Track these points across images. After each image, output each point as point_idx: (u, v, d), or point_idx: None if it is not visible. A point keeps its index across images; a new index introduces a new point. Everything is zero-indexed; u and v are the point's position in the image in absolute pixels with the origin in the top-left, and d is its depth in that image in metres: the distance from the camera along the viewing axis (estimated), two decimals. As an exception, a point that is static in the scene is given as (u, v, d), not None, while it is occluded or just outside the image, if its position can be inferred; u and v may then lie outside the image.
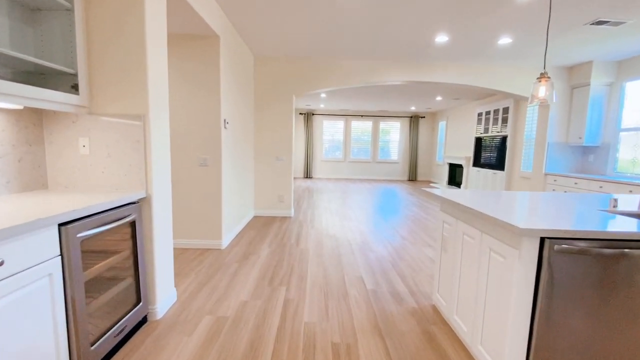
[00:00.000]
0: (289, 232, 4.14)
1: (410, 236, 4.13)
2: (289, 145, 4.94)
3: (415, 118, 11.25)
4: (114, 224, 1.64)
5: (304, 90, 4.85)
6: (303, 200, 6.69)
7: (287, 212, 5.06)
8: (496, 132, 7.32)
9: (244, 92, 4.25)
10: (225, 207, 3.49)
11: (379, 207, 6.06)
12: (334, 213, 5.43)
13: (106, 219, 1.63)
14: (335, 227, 4.50)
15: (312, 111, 11.25)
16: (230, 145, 3.65)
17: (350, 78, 4.84)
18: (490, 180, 7.48)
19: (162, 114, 2.05)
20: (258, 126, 4.90)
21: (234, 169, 3.85)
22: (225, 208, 3.48)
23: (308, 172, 11.32)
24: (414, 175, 11.48)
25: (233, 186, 3.81)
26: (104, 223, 1.61)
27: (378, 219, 5.09)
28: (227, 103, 3.48)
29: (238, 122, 3.98)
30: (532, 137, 6.23)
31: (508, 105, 6.87)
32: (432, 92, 7.46)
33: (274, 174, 4.99)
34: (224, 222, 3.47)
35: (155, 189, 1.97)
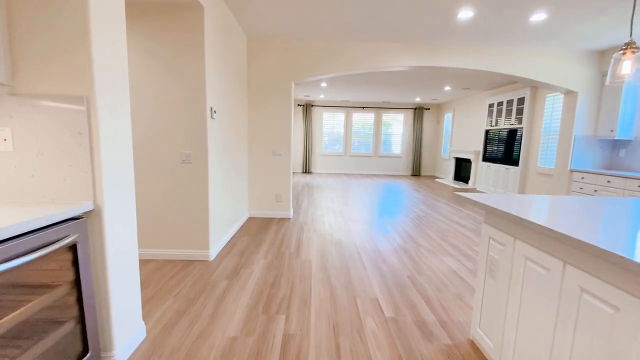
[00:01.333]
0: (287, 238, 3.64)
1: (425, 242, 3.64)
2: (287, 138, 4.41)
3: (420, 110, 10.71)
4: (41, 251, 1.13)
5: (304, 76, 4.30)
6: (302, 198, 6.19)
7: (285, 212, 4.55)
8: (509, 125, 6.82)
9: (235, 78, 3.70)
10: (213, 211, 2.97)
11: (385, 206, 5.57)
12: (337, 213, 4.93)
13: (27, 245, 1.11)
14: (339, 230, 4.01)
15: (311, 102, 10.68)
16: (219, 138, 3.13)
17: (355, 63, 4.30)
18: (502, 176, 7.00)
19: (120, 98, 1.51)
20: (252, 117, 4.36)
21: (224, 165, 3.32)
22: (213, 212, 2.97)
23: (307, 167, 10.79)
24: (418, 170, 10.99)
25: (223, 185, 3.29)
26: (24, 252, 1.09)
27: (386, 219, 4.60)
28: (214, 89, 2.94)
29: (229, 112, 3.44)
30: (551, 129, 5.73)
31: (524, 95, 6.36)
32: (441, 81, 6.93)
33: (271, 170, 4.47)
34: (212, 228, 2.96)
35: (108, 197, 1.45)
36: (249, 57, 4.25)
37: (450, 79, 6.68)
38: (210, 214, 2.90)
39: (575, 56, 4.45)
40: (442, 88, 7.76)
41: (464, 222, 4.61)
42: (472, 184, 8.42)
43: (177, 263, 2.83)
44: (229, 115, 3.46)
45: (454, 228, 4.30)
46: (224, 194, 3.32)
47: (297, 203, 5.63)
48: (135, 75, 2.69)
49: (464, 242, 3.67)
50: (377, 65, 4.30)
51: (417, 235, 3.92)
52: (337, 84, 7.44)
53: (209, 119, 2.79)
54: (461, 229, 4.24)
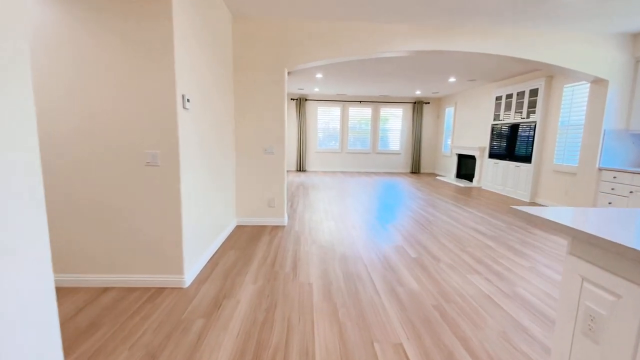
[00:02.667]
0: (282, 252, 3.07)
1: (442, 254, 3.11)
2: (280, 134, 3.83)
3: (419, 104, 10.19)
4: None
5: (298, 62, 3.71)
6: (298, 199, 5.61)
7: (279, 219, 3.98)
8: (520, 119, 6.33)
9: (218, 63, 3.10)
10: (187, 224, 2.38)
11: (388, 208, 5.04)
12: (337, 218, 4.38)
13: None
14: (342, 240, 3.45)
15: (305, 96, 10.07)
16: (196, 133, 2.53)
17: (356, 46, 3.72)
18: (511, 174, 6.52)
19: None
20: (240, 109, 3.76)
21: (203, 166, 2.73)
22: (187, 225, 2.38)
23: (301, 164, 10.21)
24: (417, 167, 10.49)
25: (202, 191, 2.70)
26: None
27: (392, 224, 4.06)
28: (187, 73, 2.34)
29: (209, 103, 2.84)
30: (570, 123, 5.25)
31: (537, 86, 5.86)
32: (446, 71, 6.39)
33: (262, 170, 3.88)
34: (187, 246, 2.37)
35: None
36: (235, 39, 3.64)
37: (456, 69, 6.15)
38: (185, 229, 2.31)
39: (606, 40, 3.94)
40: (447, 80, 7.23)
41: (480, 227, 4.10)
42: (476, 182, 7.94)
43: (143, 292, 2.24)
44: (210, 106, 2.87)
45: (471, 235, 3.79)
46: (203, 201, 2.73)
47: (292, 207, 5.06)
48: (76, 48, 2.08)
49: (487, 254, 3.15)
50: (382, 49, 3.73)
51: (431, 244, 3.39)
52: (333, 75, 6.85)
53: (180, 109, 2.19)
54: (479, 236, 3.73)
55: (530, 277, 2.67)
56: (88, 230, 2.24)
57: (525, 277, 2.67)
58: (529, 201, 5.99)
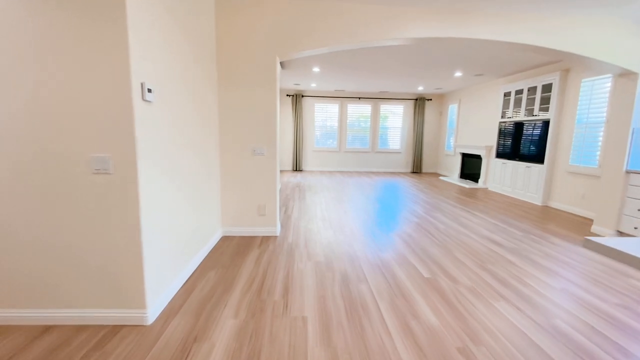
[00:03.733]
0: (272, 272, 2.61)
1: (460, 273, 2.67)
2: (272, 132, 3.36)
3: (421, 100, 9.74)
4: None
5: (292, 49, 3.24)
6: (293, 203, 5.15)
7: (270, 229, 3.52)
8: (532, 116, 5.91)
9: (196, 47, 2.62)
10: (151, 245, 1.92)
11: (392, 213, 4.59)
12: (336, 226, 3.92)
13: None
14: (342, 255, 3.00)
15: (302, 92, 9.58)
16: (164, 130, 2.06)
17: (358, 32, 3.25)
18: (521, 175, 6.10)
19: None
20: (225, 103, 3.29)
21: (177, 170, 2.26)
22: (151, 246, 1.92)
23: (297, 164, 9.74)
24: (419, 166, 10.06)
25: (173, 201, 2.24)
26: None
27: (398, 235, 3.61)
28: (152, 55, 1.87)
29: (183, 95, 2.37)
30: (589, 121, 4.83)
31: (551, 81, 5.43)
32: (453, 65, 5.94)
33: (251, 174, 3.42)
34: (150, 272, 1.91)
35: None
36: (219, 21, 3.16)
37: (463, 62, 5.70)
38: (146, 251, 1.85)
39: (637, 26, 3.51)
40: (452, 75, 6.78)
41: (495, 237, 3.67)
42: (482, 183, 7.52)
43: (94, 332, 1.78)
44: (186, 99, 2.39)
45: (487, 247, 3.35)
46: (176, 213, 2.26)
47: (286, 213, 4.59)
48: (8, 26, 1.60)
49: (510, 273, 2.72)
50: (391, 35, 3.26)
51: (444, 260, 2.95)
52: (331, 68, 6.38)
53: (137, 101, 1.72)
54: (496, 249, 3.30)
55: (566, 302, 2.24)
56: (23, 256, 1.77)
57: (560, 303, 2.24)
58: (541, 204, 5.58)
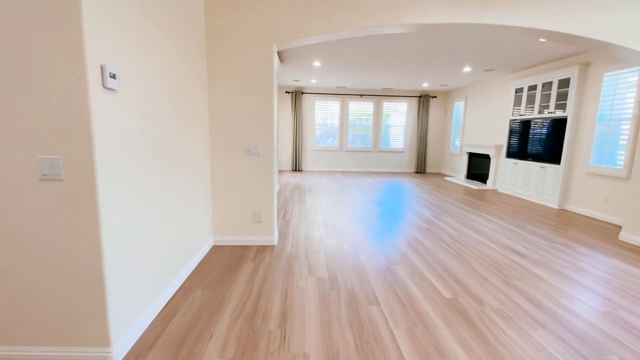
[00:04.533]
0: (267, 292, 2.25)
1: (485, 292, 2.32)
2: (268, 129, 3.00)
3: (425, 98, 9.37)
4: None
5: (291, 35, 2.87)
6: (292, 207, 4.79)
7: (267, 238, 3.16)
8: (547, 113, 5.55)
9: (177, 31, 2.26)
10: (117, 267, 1.56)
11: (400, 218, 4.23)
12: (340, 234, 3.57)
13: None
14: (349, 269, 2.65)
15: (301, 89, 9.21)
16: (137, 127, 1.70)
17: (365, 14, 2.89)
18: (535, 176, 5.74)
19: None
20: (215, 96, 2.93)
21: (152, 176, 1.90)
22: (117, 269, 1.56)
23: (297, 164, 9.37)
24: (423, 166, 9.70)
25: (149, 211, 1.88)
26: None
27: (410, 244, 3.26)
28: (115, 32, 1.51)
29: (166, 86, 2.01)
30: (612, 118, 4.47)
31: (568, 75, 5.07)
32: (462, 59, 5.57)
33: (245, 176, 3.06)
34: (116, 302, 1.55)
35: None
36: (208, 5, 2.79)
37: (473, 56, 5.33)
38: (110, 276, 1.49)
39: (676, 13, 3.15)
40: (460, 70, 6.42)
41: (516, 246, 3.31)
42: (491, 184, 7.17)
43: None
44: (166, 90, 2.03)
45: (509, 257, 3.00)
46: (150, 226, 1.90)
47: (285, 217, 4.23)
48: None
49: (542, 291, 2.36)
50: (400, 19, 2.90)
51: (464, 275, 2.59)
52: (332, 62, 6.01)
53: (96, 89, 1.36)
54: (520, 260, 2.94)
55: (617, 331, 1.89)
56: (-47, 282, 1.41)
57: (610, 332, 1.89)
58: (557, 207, 5.22)
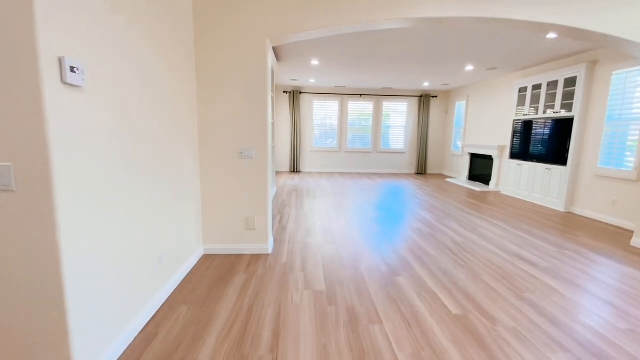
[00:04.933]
0: (259, 310, 2.06)
1: (496, 307, 2.13)
2: (262, 130, 2.81)
3: (426, 98, 9.20)
4: None
5: (286, 30, 2.68)
6: (289, 211, 4.60)
7: (261, 246, 2.97)
8: (552, 113, 5.37)
9: (161, 24, 2.07)
10: (80, 293, 1.37)
11: (402, 223, 4.05)
12: (339, 240, 3.38)
13: None
14: (349, 281, 2.46)
15: (300, 89, 9.03)
16: (108, 130, 1.51)
17: (365, 7, 2.70)
18: (540, 177, 5.57)
19: None
20: (205, 95, 2.74)
21: (127, 183, 1.71)
22: (80, 295, 1.37)
23: (295, 165, 9.18)
24: (424, 167, 9.52)
25: (120, 226, 1.69)
26: None
27: (413, 252, 3.07)
28: (85, 21, 1.32)
29: (147, 83, 1.82)
30: (622, 118, 4.29)
31: (575, 74, 4.89)
32: (465, 58, 5.39)
33: (237, 181, 2.87)
34: (80, 333, 1.36)
35: None
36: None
37: (476, 54, 5.15)
38: (73, 301, 1.30)
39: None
40: (462, 69, 6.24)
41: (526, 254, 3.13)
42: (494, 185, 6.99)
43: (-5, 416, 1.23)
44: (147, 87, 1.84)
45: (519, 267, 2.82)
46: (126, 239, 1.71)
47: (281, 223, 4.04)
48: None
49: (557, 305, 2.18)
50: (398, 14, 2.71)
51: (473, 287, 2.40)
52: (331, 61, 5.82)
53: (51, 84, 1.17)
54: (530, 269, 2.76)
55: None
56: None
57: (635, 353, 1.70)
58: (564, 211, 5.04)
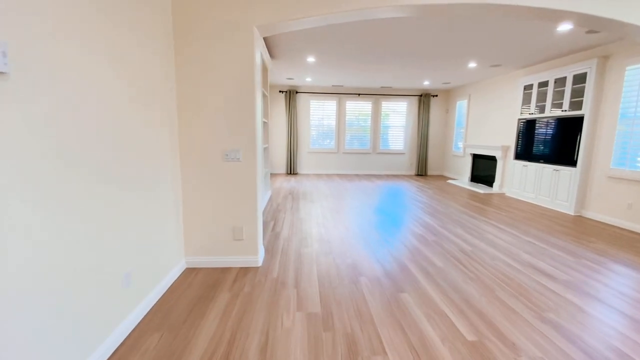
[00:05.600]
0: (243, 338, 1.77)
1: (516, 330, 1.85)
2: (250, 129, 2.53)
3: (426, 97, 8.94)
4: None
5: (276, 17, 2.40)
6: (284, 216, 4.32)
7: (250, 258, 2.68)
8: (560, 112, 5.11)
9: (137, 11, 1.78)
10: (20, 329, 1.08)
11: (404, 229, 3.77)
12: (337, 252, 3.09)
13: None
14: (347, 301, 2.17)
15: (296, 88, 8.75)
16: (45, 126, 1.22)
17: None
18: (547, 179, 5.30)
19: None
20: (184, 90, 2.45)
21: (85, 190, 1.43)
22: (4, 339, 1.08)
23: (292, 167, 8.90)
24: (424, 168, 9.25)
25: (63, 242, 1.40)
26: None
27: (417, 263, 2.80)
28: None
29: (112, 74, 1.53)
30: (635, 115, 4.04)
31: (585, 69, 4.64)
32: (468, 53, 5.12)
33: (223, 186, 2.58)
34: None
35: None
36: (177, -18, 2.33)
37: (480, 50, 4.89)
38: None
39: None
40: (465, 65, 5.97)
41: (541, 264, 2.86)
42: (497, 187, 6.73)
43: None
44: (116, 79, 1.56)
45: (535, 279, 2.54)
46: (67, 254, 1.42)
47: (274, 230, 3.75)
48: None
49: (583, 326, 1.90)
50: (396, 0, 2.44)
51: (488, 307, 2.12)
52: (328, 58, 5.55)
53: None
54: (550, 284, 2.48)
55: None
56: None
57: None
58: (574, 214, 4.79)
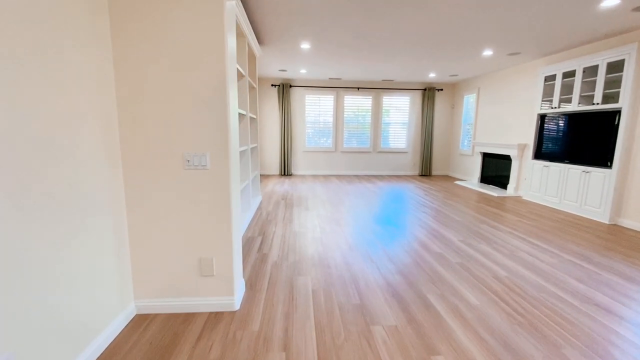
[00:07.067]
0: None
1: None
2: (222, 123, 1.83)
3: (431, 91, 8.27)
4: None
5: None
6: (274, 229, 3.62)
7: (223, 300, 1.99)
8: (590, 105, 4.47)
9: None
10: None
11: (421, 249, 3.10)
12: (339, 282, 2.41)
13: None
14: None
15: (290, 81, 8.04)
16: None
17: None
18: (575, 182, 4.67)
19: None
20: (125, 67, 1.75)
21: None
22: None
23: (286, 167, 8.20)
24: (428, 168, 8.60)
25: None
26: None
27: (451, 305, 2.13)
28: None
29: None
30: (694, 108, 3.39)
31: (622, 57, 3.99)
32: (483, 40, 4.45)
33: (183, 204, 1.88)
34: None
35: None
36: None
37: (499, 35, 4.21)
38: None
39: None
40: (479, 54, 5.30)
41: (601, 299, 2.21)
42: (512, 190, 6.09)
43: None
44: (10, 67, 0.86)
45: (605, 326, 1.89)
46: None
47: (261, 250, 3.05)
48: None
49: None
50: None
51: None
52: (324, 45, 4.85)
53: None
54: (623, 331, 1.83)
55: None
56: None
57: None
58: (609, 222, 4.16)
